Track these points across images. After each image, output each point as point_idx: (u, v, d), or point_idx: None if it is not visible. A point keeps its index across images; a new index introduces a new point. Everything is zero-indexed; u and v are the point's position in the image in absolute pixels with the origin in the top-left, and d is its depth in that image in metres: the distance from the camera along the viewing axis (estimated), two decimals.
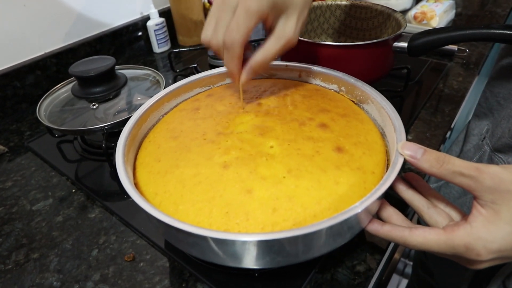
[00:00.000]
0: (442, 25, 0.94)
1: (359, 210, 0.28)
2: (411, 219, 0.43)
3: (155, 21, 0.87)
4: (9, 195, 0.52)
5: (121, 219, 0.47)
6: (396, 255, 0.80)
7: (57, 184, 0.54)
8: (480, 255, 0.28)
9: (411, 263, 1.05)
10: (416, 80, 0.71)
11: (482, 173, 0.28)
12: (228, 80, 0.51)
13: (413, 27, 0.93)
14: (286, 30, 0.36)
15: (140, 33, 0.90)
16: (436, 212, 0.33)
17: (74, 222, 0.47)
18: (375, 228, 0.33)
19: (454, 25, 0.97)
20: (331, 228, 0.28)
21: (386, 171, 0.36)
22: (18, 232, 0.46)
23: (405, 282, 1.11)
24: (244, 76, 0.38)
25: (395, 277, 1.10)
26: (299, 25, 0.36)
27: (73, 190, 0.52)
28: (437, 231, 0.30)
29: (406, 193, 0.36)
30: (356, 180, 0.33)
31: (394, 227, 0.32)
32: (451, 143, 0.68)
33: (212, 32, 0.36)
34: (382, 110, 0.40)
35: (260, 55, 0.37)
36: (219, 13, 0.35)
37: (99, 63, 0.55)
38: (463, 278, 0.59)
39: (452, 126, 0.62)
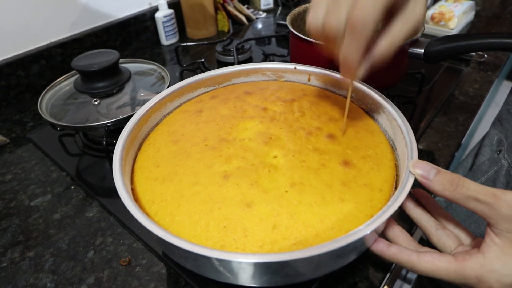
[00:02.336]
0: (460, 26, 0.91)
1: (365, 234, 0.27)
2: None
3: (163, 13, 0.85)
4: (8, 188, 0.51)
5: (119, 220, 0.46)
6: None
7: (56, 179, 0.53)
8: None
9: None
10: (430, 85, 0.69)
11: (499, 200, 0.26)
12: (234, 81, 0.50)
13: (430, 28, 0.90)
14: (416, 11, 0.29)
15: (148, 25, 0.88)
16: (445, 234, 0.32)
17: (71, 221, 0.46)
18: (381, 249, 0.31)
19: (473, 27, 0.94)
20: (334, 251, 0.26)
21: (395, 188, 0.34)
22: (15, 228, 0.46)
23: (407, 287, 1.10)
24: (363, 68, 0.31)
25: (397, 282, 1.09)
26: (425, 8, 0.30)
27: (72, 187, 0.51)
28: (448, 258, 0.28)
29: (414, 211, 0.34)
30: (363, 198, 0.32)
31: (401, 250, 0.30)
32: (464, 154, 0.66)
33: (328, 12, 0.29)
34: (394, 122, 0.38)
35: (388, 41, 0.29)
36: None
37: (103, 57, 0.54)
38: None
39: (464, 136, 0.59)
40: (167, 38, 0.89)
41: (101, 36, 0.79)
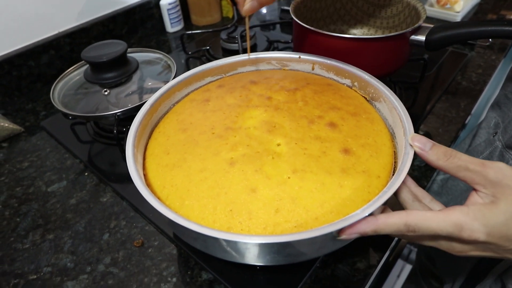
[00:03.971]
0: (466, 9, 0.90)
1: (361, 217, 0.29)
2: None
3: (168, 0, 0.85)
4: (26, 175, 0.54)
5: (131, 204, 0.48)
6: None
7: (70, 166, 0.55)
8: (471, 235, 0.28)
9: (416, 249, 1.06)
10: (433, 70, 0.69)
11: (487, 168, 0.29)
12: (240, 70, 0.51)
13: (435, 12, 0.89)
14: None
15: (153, 12, 0.88)
16: (420, 206, 0.33)
17: (87, 206, 0.49)
18: (370, 224, 0.32)
19: (480, 9, 0.93)
20: (332, 233, 0.28)
21: (392, 175, 0.36)
22: (35, 213, 0.49)
23: (408, 267, 1.13)
24: (248, 5, 0.41)
25: (399, 262, 1.12)
26: None
27: (86, 173, 0.54)
28: (434, 211, 0.30)
29: None
30: (361, 184, 0.33)
31: (390, 213, 0.30)
32: (464, 137, 0.67)
33: None
34: (394, 111, 0.39)
35: None
36: None
37: (111, 48, 0.55)
38: (463, 268, 0.60)
39: (466, 121, 0.60)
40: (172, 25, 0.90)
41: (108, 25, 0.80)
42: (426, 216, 0.29)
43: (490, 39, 0.75)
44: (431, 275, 0.80)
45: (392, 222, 0.30)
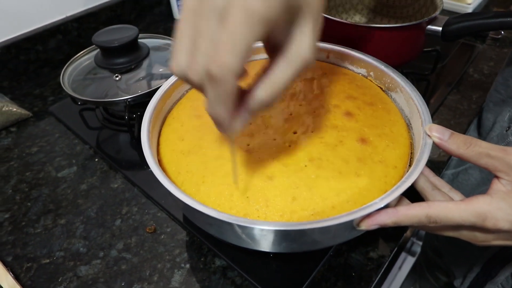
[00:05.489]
0: (478, 1, 0.89)
1: (379, 207, 0.29)
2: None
3: None
4: (36, 160, 0.54)
5: (143, 191, 0.48)
6: (408, 233, 0.81)
7: (80, 152, 0.55)
8: (497, 224, 0.28)
9: (420, 242, 1.07)
10: (445, 63, 0.68)
11: (509, 154, 0.29)
12: (254, 57, 0.50)
13: (446, 3, 0.88)
14: (303, 48, 0.23)
15: None
16: (440, 194, 0.33)
17: (98, 191, 0.49)
18: (390, 216, 0.32)
19: (490, 2, 0.91)
20: (349, 222, 0.28)
21: (409, 166, 0.36)
22: (45, 198, 0.49)
23: (410, 259, 1.14)
24: (239, 123, 0.25)
25: (401, 254, 1.13)
26: (315, 38, 0.24)
27: (96, 159, 0.54)
28: (455, 201, 0.29)
29: None
30: (377, 174, 0.33)
31: (411, 205, 0.30)
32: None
33: (189, 57, 0.23)
34: (411, 101, 0.39)
35: (267, 89, 0.23)
36: (196, 21, 0.22)
37: (122, 33, 0.55)
38: (473, 263, 0.60)
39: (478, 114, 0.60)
40: (180, 11, 0.88)
41: (116, 10, 0.79)
42: (448, 207, 0.29)
43: (503, 32, 0.74)
44: (437, 268, 0.80)
45: (413, 213, 0.29)
